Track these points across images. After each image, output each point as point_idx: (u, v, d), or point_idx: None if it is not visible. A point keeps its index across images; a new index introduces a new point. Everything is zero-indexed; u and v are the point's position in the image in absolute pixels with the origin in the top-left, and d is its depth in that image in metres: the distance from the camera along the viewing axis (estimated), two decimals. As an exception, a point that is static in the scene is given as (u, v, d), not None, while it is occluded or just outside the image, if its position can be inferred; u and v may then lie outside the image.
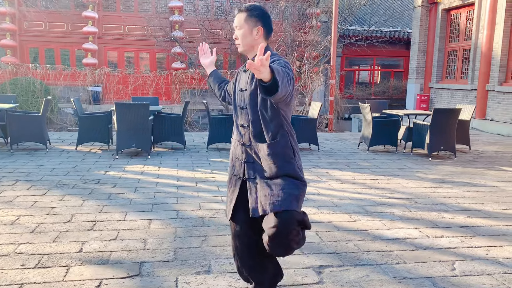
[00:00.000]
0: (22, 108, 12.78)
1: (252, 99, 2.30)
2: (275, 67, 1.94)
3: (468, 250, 3.55)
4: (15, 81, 14.69)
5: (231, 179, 2.50)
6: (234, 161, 2.48)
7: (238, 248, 2.50)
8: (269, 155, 2.28)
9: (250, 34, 2.31)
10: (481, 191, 5.50)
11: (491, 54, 12.69)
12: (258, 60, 1.78)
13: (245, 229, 2.43)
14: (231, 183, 2.49)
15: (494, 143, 9.88)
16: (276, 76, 1.89)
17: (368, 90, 20.81)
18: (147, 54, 19.13)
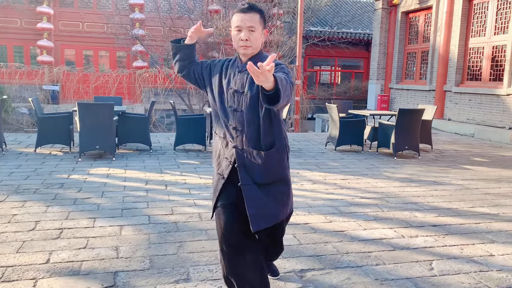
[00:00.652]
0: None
1: (252, 103, 2.23)
2: (278, 76, 1.90)
3: (443, 249, 3.61)
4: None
5: (215, 177, 2.44)
6: (220, 159, 2.40)
7: (225, 251, 2.34)
8: (267, 161, 2.27)
9: (261, 36, 2.29)
10: (447, 189, 5.65)
11: (448, 56, 13.18)
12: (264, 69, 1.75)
13: (234, 229, 2.30)
14: (215, 181, 2.43)
15: (453, 142, 10.24)
16: (279, 86, 1.86)
17: (330, 91, 21.14)
18: (107, 53, 18.56)
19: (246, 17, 2.21)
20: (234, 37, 2.28)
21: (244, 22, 2.21)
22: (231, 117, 2.31)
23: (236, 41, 2.26)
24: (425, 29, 14.75)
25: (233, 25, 2.26)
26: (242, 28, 2.22)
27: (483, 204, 4.98)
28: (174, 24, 17.06)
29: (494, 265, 3.30)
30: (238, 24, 2.22)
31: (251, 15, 2.22)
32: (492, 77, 11.92)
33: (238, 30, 2.24)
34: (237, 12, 2.25)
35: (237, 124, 2.28)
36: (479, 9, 12.36)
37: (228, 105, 2.32)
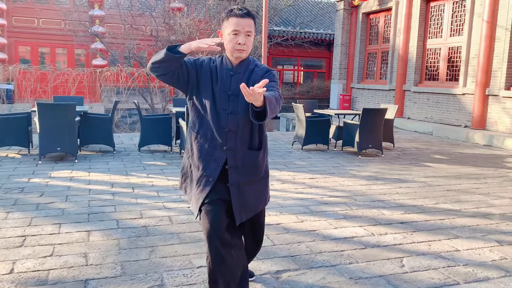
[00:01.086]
0: None
1: (246, 106, 2.26)
2: (268, 97, 2.03)
3: (412, 246, 3.71)
4: None
5: (200, 178, 2.40)
6: (206, 161, 2.39)
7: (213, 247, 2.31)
8: (256, 161, 2.41)
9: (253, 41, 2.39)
10: (411, 186, 5.83)
11: (407, 56, 13.60)
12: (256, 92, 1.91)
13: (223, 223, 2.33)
14: (200, 182, 2.40)
15: (413, 140, 10.58)
16: (267, 107, 2.01)
17: (294, 90, 21.35)
18: (64, 50, 17.91)
19: (244, 22, 2.26)
20: (230, 40, 2.29)
21: (242, 26, 2.26)
22: (225, 120, 2.33)
23: (232, 45, 2.29)
24: (385, 30, 15.15)
25: (229, 28, 2.28)
26: (239, 32, 2.26)
27: (446, 201, 5.17)
28: (135, 22, 16.68)
29: (461, 260, 3.42)
30: (236, 28, 2.26)
31: (248, 20, 2.28)
32: (449, 77, 12.41)
33: (235, 34, 2.27)
34: (234, 16, 2.27)
35: (232, 126, 2.33)
36: (436, 12, 12.83)
37: (222, 108, 2.33)
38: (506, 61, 10.42)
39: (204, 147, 2.40)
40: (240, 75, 2.35)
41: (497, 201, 5.19)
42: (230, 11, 2.31)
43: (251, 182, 2.42)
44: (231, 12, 2.30)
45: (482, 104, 10.94)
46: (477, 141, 10.26)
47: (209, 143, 2.38)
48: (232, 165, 2.35)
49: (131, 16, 16.62)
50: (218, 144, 2.35)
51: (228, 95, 2.33)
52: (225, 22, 2.32)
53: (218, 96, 2.33)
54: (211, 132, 2.36)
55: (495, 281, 3.07)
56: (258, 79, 2.32)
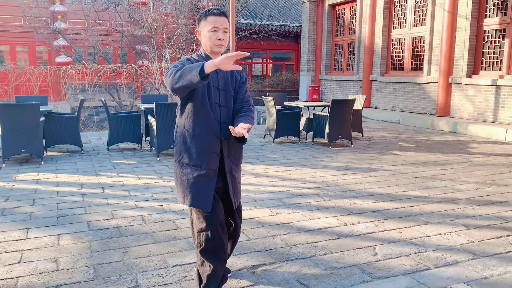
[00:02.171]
0: None
1: (231, 99, 2.63)
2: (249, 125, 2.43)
3: (383, 234, 3.79)
4: None
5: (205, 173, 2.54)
6: (208, 154, 2.54)
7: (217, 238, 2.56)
8: (239, 150, 2.73)
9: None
10: (381, 175, 5.95)
11: (373, 47, 13.82)
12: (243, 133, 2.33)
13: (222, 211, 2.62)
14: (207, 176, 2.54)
15: (381, 129, 10.80)
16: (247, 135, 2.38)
17: (263, 83, 21.36)
18: (25, 48, 17.28)
19: (221, 20, 2.50)
20: (209, 37, 2.50)
21: (220, 23, 2.50)
22: (218, 112, 2.57)
23: (213, 40, 2.51)
24: (351, 22, 15.34)
25: (209, 25, 2.49)
26: (218, 29, 2.49)
27: (415, 188, 5.30)
28: (99, 17, 16.25)
29: (431, 246, 3.52)
30: (216, 25, 2.49)
31: (224, 19, 2.52)
32: (413, 67, 12.70)
33: (214, 31, 2.49)
34: (212, 15, 2.51)
35: (225, 117, 2.58)
36: (399, 2, 13.07)
37: (215, 101, 2.56)
38: (467, 49, 10.75)
39: (203, 143, 2.55)
40: (223, 72, 2.61)
41: (463, 186, 5.36)
42: (208, 11, 2.54)
43: (237, 169, 2.73)
44: (209, 11, 2.54)
45: (446, 92, 11.26)
46: (442, 128, 10.56)
47: (208, 138, 2.54)
48: (226, 154, 2.60)
49: (95, 11, 16.18)
50: (214, 136, 2.55)
51: (218, 89, 2.58)
52: (203, 21, 2.54)
53: (211, 91, 2.54)
54: (208, 126, 2.54)
55: (464, 264, 3.18)
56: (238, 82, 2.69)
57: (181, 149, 2.61)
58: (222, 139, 2.58)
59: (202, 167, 2.54)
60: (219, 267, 2.58)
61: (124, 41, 16.50)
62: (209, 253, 2.56)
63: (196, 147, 2.54)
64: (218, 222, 2.56)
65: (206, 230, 2.54)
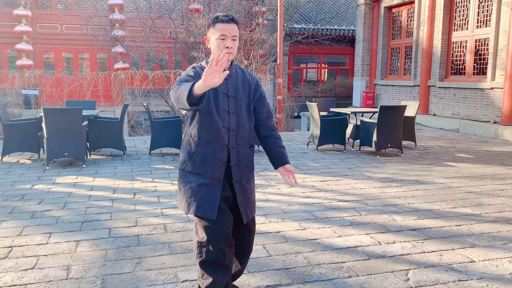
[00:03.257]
0: None
1: (242, 106, 2.49)
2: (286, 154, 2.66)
3: (421, 256, 3.38)
4: None
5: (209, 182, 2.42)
6: (213, 163, 2.43)
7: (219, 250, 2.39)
8: (250, 158, 2.58)
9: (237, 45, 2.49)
10: (429, 189, 5.45)
11: (432, 50, 13.03)
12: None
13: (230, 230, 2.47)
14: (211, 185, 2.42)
15: (438, 138, 10.08)
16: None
17: (316, 88, 20.94)
18: (88, 55, 18.16)
19: (230, 27, 2.39)
20: (217, 44, 2.39)
21: (229, 31, 2.39)
22: (225, 119, 2.44)
23: (221, 48, 2.38)
24: (408, 24, 14.60)
25: (217, 33, 2.39)
26: (227, 36, 2.38)
27: (466, 204, 4.78)
28: (154, 24, 16.71)
29: (474, 273, 3.08)
30: (224, 33, 2.38)
31: (233, 26, 2.41)
32: (476, 71, 11.79)
33: (222, 39, 2.38)
34: (220, 22, 2.40)
35: (232, 125, 2.46)
36: (461, 2, 12.22)
37: (224, 108, 2.44)
38: (537, 52, 9.77)
39: (208, 151, 2.43)
40: (233, 78, 2.50)
41: (523, 204, 4.76)
42: (216, 18, 2.43)
43: (249, 179, 2.58)
44: (217, 18, 2.42)
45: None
46: (507, 138, 9.67)
47: (214, 146, 2.43)
48: (235, 163, 2.47)
49: (150, 19, 16.66)
50: (221, 144, 2.43)
51: (227, 96, 2.46)
52: (212, 28, 2.43)
53: (219, 98, 2.44)
54: (214, 134, 2.42)
55: (512, 298, 2.73)
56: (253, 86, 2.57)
57: (186, 157, 2.50)
58: (230, 147, 2.47)
59: (206, 176, 2.43)
60: (219, 281, 2.42)
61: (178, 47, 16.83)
62: (209, 265, 2.42)
63: (201, 155, 2.44)
64: (222, 234, 2.41)
65: (208, 241, 2.40)
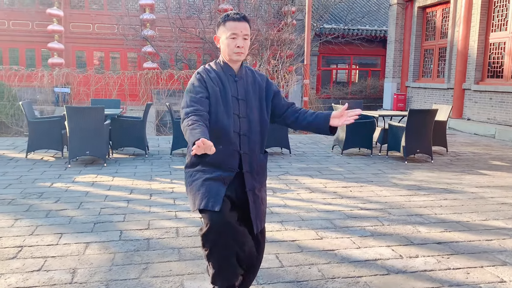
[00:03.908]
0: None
1: (253, 109, 2.37)
2: None
3: (445, 273, 3.13)
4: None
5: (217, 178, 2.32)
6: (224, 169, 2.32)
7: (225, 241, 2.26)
8: (263, 165, 2.47)
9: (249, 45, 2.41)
10: (459, 198, 5.13)
11: (467, 52, 12.49)
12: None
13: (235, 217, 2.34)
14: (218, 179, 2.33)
15: (471, 143, 9.61)
16: None
17: (345, 90, 20.53)
18: (118, 54, 18.43)
19: (241, 26, 2.30)
20: (228, 44, 2.30)
21: (240, 30, 2.29)
22: (238, 124, 2.34)
23: (231, 48, 2.31)
24: (443, 25, 14.06)
25: (227, 32, 2.30)
26: (237, 35, 2.29)
27: (498, 216, 4.46)
28: (184, 24, 16.77)
29: (505, 296, 2.81)
30: (235, 32, 2.29)
31: (244, 24, 2.31)
32: (515, 74, 11.20)
33: (233, 38, 2.29)
34: (231, 20, 2.30)
35: (245, 130, 2.36)
36: (500, 2, 11.63)
37: (234, 112, 2.34)
38: None
39: (218, 157, 2.26)
40: (243, 80, 2.40)
41: (563, 219, 4.39)
42: (227, 16, 2.33)
43: (261, 187, 2.47)
44: (228, 16, 2.32)
45: (554, 103, 9.72)
46: (546, 145, 9.11)
47: (224, 152, 2.31)
48: (247, 169, 2.37)
49: (179, 19, 16.73)
50: (232, 150, 2.34)
51: (237, 99, 2.36)
52: (222, 27, 2.34)
53: (229, 101, 2.34)
54: (225, 140, 2.32)
55: (546, 327, 2.46)
56: (263, 87, 2.45)
57: (193, 161, 2.37)
58: (242, 153, 2.36)
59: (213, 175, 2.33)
60: (225, 267, 2.33)
61: (206, 47, 16.83)
62: (215, 255, 2.31)
63: (210, 161, 2.28)
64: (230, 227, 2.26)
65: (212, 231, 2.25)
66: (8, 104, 10.67)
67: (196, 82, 2.32)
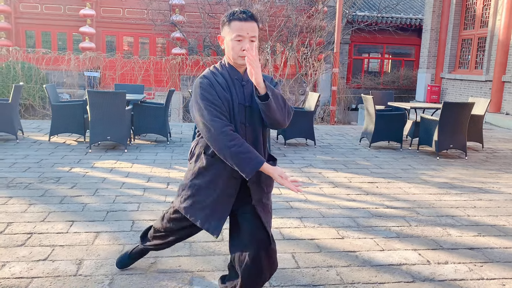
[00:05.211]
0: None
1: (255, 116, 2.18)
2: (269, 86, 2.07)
3: (478, 283, 2.84)
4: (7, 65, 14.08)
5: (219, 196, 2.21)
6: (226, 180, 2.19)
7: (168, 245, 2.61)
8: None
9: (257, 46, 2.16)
10: (495, 199, 4.77)
11: (509, 43, 11.79)
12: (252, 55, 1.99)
13: None
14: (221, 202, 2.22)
15: (510, 140, 9.07)
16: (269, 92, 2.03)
17: (377, 80, 19.90)
18: (147, 39, 18.42)
19: (248, 26, 2.10)
20: (233, 46, 2.11)
21: (246, 31, 2.09)
22: (244, 133, 2.17)
23: (236, 51, 2.12)
24: (483, 13, 13.31)
25: (232, 33, 2.10)
26: (244, 37, 2.09)
27: (539, 222, 4.09)
28: (212, 10, 16.55)
29: (546, 314, 2.51)
30: (241, 33, 2.09)
31: (252, 24, 2.11)
32: (560, 67, 10.48)
33: (239, 40, 2.10)
34: (237, 20, 2.10)
35: (250, 138, 2.19)
36: (548, -11, 10.88)
37: (240, 121, 2.15)
38: None
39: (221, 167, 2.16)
40: (249, 84, 2.18)
41: None
42: (232, 15, 2.12)
43: (268, 197, 2.30)
44: (233, 15, 2.11)
45: None
46: None
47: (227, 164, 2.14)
48: (253, 180, 2.17)
49: (209, 4, 16.52)
50: None
51: (244, 106, 2.17)
52: (226, 26, 2.14)
53: (236, 109, 2.15)
54: None
55: None
56: None
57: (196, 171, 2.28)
58: None
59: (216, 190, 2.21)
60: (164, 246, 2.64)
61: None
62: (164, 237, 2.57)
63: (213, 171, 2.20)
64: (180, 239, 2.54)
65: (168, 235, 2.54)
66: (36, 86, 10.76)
67: (207, 88, 2.11)
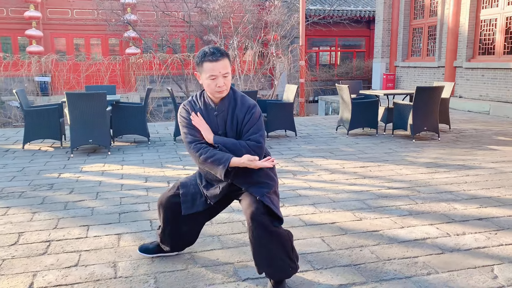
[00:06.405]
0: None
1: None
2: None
3: (500, 249, 3.05)
4: None
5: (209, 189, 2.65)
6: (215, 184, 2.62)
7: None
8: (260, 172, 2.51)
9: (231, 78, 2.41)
10: (480, 174, 5.09)
11: (458, 30, 12.52)
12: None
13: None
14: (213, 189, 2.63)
15: (469, 120, 9.67)
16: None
17: (332, 72, 20.45)
18: (98, 40, 17.79)
19: (219, 65, 2.27)
20: (208, 84, 2.32)
21: (218, 70, 2.27)
22: None
23: (212, 88, 2.33)
24: (432, 3, 14.05)
25: (206, 73, 2.29)
26: (217, 76, 2.28)
27: (527, 190, 4.43)
28: (167, 8, 16.27)
29: None
30: (213, 74, 2.28)
31: (223, 62, 2.28)
32: (507, 50, 11.29)
33: (213, 79, 2.29)
34: (207, 61, 2.27)
35: None
36: (491, -22, 11.66)
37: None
38: None
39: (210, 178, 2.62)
40: (224, 113, 2.42)
41: None
42: (203, 56, 2.29)
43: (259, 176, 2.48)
44: (204, 57, 2.29)
45: (548, 78, 9.84)
46: (543, 119, 9.23)
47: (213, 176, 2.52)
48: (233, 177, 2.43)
49: (163, 2, 16.22)
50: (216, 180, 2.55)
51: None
52: (199, 67, 2.33)
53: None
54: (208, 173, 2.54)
55: None
56: (241, 117, 2.41)
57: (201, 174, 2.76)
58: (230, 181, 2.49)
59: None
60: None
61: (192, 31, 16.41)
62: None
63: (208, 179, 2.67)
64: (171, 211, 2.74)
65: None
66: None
67: (185, 114, 2.48)
